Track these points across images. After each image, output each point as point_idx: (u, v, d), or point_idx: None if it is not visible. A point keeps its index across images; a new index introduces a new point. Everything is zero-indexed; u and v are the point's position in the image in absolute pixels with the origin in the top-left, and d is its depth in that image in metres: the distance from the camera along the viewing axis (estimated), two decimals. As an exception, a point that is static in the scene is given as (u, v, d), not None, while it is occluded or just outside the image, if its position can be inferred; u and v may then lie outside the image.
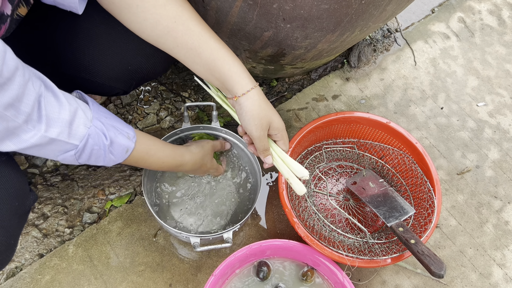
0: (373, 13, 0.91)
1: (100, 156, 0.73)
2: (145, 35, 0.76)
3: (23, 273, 1.03)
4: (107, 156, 0.74)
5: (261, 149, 0.83)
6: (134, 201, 1.14)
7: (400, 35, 1.49)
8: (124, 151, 0.76)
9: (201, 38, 0.75)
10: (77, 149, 0.68)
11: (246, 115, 0.79)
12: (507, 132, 1.35)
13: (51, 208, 1.12)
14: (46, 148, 0.65)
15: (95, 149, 0.71)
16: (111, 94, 0.96)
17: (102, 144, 0.71)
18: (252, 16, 0.89)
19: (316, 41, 0.98)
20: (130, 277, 1.05)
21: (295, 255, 1.01)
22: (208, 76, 0.79)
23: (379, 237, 1.05)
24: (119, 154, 0.76)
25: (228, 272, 0.98)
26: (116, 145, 0.74)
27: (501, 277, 1.14)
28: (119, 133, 0.74)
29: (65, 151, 0.68)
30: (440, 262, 0.85)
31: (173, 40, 0.75)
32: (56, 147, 0.66)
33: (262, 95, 0.80)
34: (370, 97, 1.37)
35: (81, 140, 0.68)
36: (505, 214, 1.23)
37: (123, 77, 0.90)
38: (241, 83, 0.78)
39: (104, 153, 0.72)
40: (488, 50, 1.50)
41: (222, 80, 0.78)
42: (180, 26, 0.74)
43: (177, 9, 0.73)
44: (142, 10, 0.72)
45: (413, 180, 1.10)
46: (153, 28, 0.74)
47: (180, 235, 0.95)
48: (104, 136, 0.71)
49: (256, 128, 0.80)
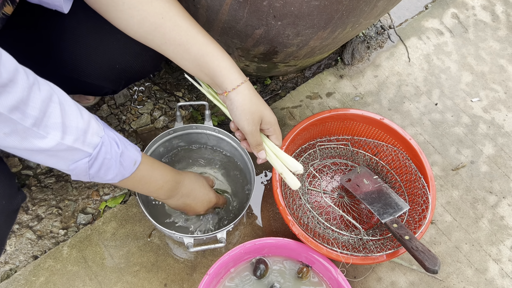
0: (364, 9, 0.91)
1: (110, 167, 0.71)
2: (132, 33, 0.76)
3: (17, 275, 1.02)
4: (117, 168, 0.72)
5: (254, 144, 0.82)
6: (129, 201, 1.14)
7: (394, 31, 1.49)
8: (132, 163, 0.75)
9: (189, 34, 0.74)
10: (90, 156, 0.67)
11: (237, 110, 0.78)
12: (501, 127, 1.35)
13: (45, 210, 1.12)
14: (59, 156, 0.65)
15: (107, 158, 0.69)
16: (100, 93, 0.95)
17: (114, 153, 0.70)
18: (243, 14, 0.89)
19: (308, 38, 0.98)
20: (125, 277, 1.04)
21: (289, 253, 1.01)
22: (197, 72, 0.79)
23: (373, 234, 1.05)
24: (128, 166, 0.74)
25: (223, 271, 0.98)
26: (126, 156, 0.73)
27: (496, 272, 1.14)
28: (128, 144, 0.74)
29: (78, 160, 0.67)
30: (434, 257, 0.85)
31: (161, 36, 0.74)
32: (69, 155, 0.65)
33: (253, 89, 0.79)
34: (364, 94, 1.36)
35: (95, 148, 0.67)
36: (500, 209, 1.23)
37: (111, 76, 0.90)
38: (230, 78, 0.77)
39: (115, 163, 0.71)
40: (482, 45, 1.50)
41: (211, 76, 0.78)
42: (168, 22, 0.73)
43: (164, 5, 0.73)
44: (128, 7, 0.71)
45: (408, 176, 1.10)
46: (140, 25, 0.73)
47: (174, 236, 0.95)
48: (116, 145, 0.71)
49: (248, 123, 0.79)
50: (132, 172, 0.75)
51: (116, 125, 1.25)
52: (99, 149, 0.67)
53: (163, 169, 0.86)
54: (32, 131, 0.58)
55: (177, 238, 0.99)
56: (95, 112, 1.26)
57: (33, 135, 0.59)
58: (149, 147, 1.04)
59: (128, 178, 0.76)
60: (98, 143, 0.67)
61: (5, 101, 0.53)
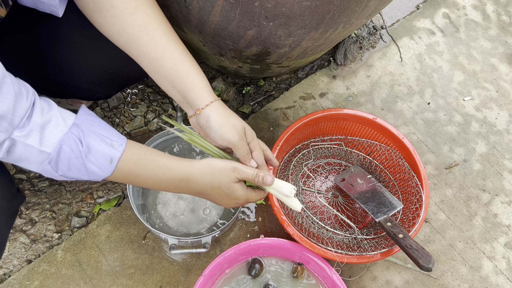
0: (355, 9, 0.91)
1: (80, 166, 0.65)
2: (113, 40, 0.76)
3: (11, 279, 1.02)
4: (88, 167, 0.66)
5: (244, 154, 0.76)
6: (123, 204, 1.13)
7: (386, 32, 1.49)
8: (107, 161, 0.67)
9: (164, 49, 0.74)
10: (49, 158, 0.63)
11: (216, 124, 0.74)
12: (493, 125, 1.36)
13: (39, 213, 1.11)
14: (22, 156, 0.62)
15: (72, 157, 0.64)
16: (94, 98, 0.95)
17: (78, 151, 0.64)
18: (235, 15, 0.89)
19: (300, 38, 0.98)
20: (120, 280, 1.04)
21: (284, 253, 1.01)
22: (169, 89, 0.77)
23: (368, 233, 1.05)
24: (102, 165, 0.67)
25: (218, 273, 0.97)
26: (95, 152, 0.66)
27: (491, 270, 1.15)
28: (100, 140, 0.66)
29: (41, 161, 0.63)
30: (428, 255, 0.85)
31: (137, 48, 0.74)
32: (30, 155, 0.62)
33: (227, 107, 0.77)
34: (357, 94, 1.37)
35: (54, 148, 0.62)
36: (494, 207, 1.23)
37: (105, 81, 0.90)
38: (202, 95, 0.75)
39: (83, 161, 0.65)
40: (473, 44, 1.51)
41: (183, 93, 0.75)
42: (145, 36, 0.73)
43: (144, 18, 0.73)
44: (110, 15, 0.72)
45: (401, 175, 1.11)
46: (119, 35, 0.74)
47: (160, 235, 0.95)
48: (80, 143, 0.64)
49: (233, 134, 0.74)
50: (110, 171, 0.68)
51: (110, 128, 1.25)
52: (59, 148, 0.62)
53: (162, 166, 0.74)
54: None
55: (162, 238, 0.99)
56: (89, 115, 1.25)
57: None
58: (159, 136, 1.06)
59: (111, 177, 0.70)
60: (58, 141, 0.62)
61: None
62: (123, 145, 0.69)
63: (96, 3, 0.71)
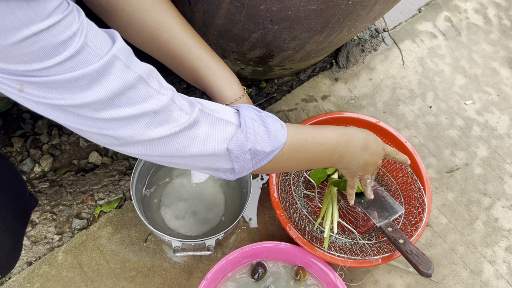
0: (360, 13, 0.91)
1: (264, 134, 0.60)
2: (131, 41, 0.75)
3: (11, 281, 1.01)
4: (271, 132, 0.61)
5: None
6: (124, 206, 1.13)
7: (388, 35, 1.49)
8: (279, 126, 0.63)
9: (183, 46, 0.73)
10: (241, 126, 0.58)
11: None
12: (495, 129, 1.37)
13: (40, 215, 1.10)
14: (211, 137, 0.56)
15: (255, 125, 0.60)
16: None
17: (257, 117, 0.61)
18: (240, 18, 0.89)
19: (304, 42, 0.98)
20: (121, 283, 1.03)
21: (287, 257, 1.01)
22: (195, 84, 0.78)
23: (369, 237, 1.05)
24: (277, 129, 0.62)
25: (220, 276, 0.97)
26: (267, 119, 0.63)
27: (492, 274, 1.15)
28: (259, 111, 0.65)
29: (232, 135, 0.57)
30: (428, 261, 0.85)
31: (157, 47, 0.74)
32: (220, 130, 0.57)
33: None
34: (359, 97, 1.37)
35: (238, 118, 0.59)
36: (495, 211, 1.24)
37: None
38: (221, 95, 0.75)
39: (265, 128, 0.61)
40: (475, 48, 1.51)
41: (205, 90, 0.77)
42: (164, 34, 0.72)
43: (162, 15, 0.72)
44: (127, 14, 0.71)
45: (403, 179, 1.11)
46: (138, 34, 0.73)
47: (163, 238, 0.95)
48: (255, 110, 0.63)
49: None
50: (285, 134, 0.63)
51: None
52: (243, 117, 0.59)
53: (325, 126, 0.72)
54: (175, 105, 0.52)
55: (166, 241, 0.99)
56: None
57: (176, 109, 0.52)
58: None
59: (288, 145, 0.64)
60: (238, 112, 0.60)
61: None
62: None
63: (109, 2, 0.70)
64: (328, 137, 0.70)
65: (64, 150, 1.21)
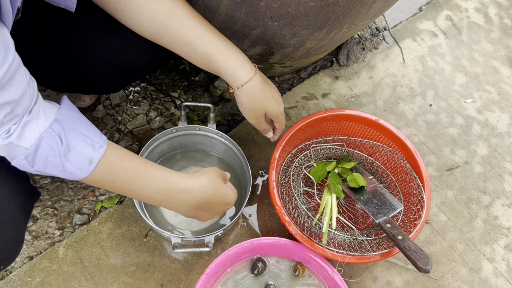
0: (360, 11, 0.91)
1: (57, 165, 0.63)
2: (142, 31, 0.76)
3: (12, 275, 1.02)
4: (65, 166, 0.63)
5: (261, 130, 0.95)
6: (124, 202, 1.14)
7: (389, 33, 1.50)
8: (86, 162, 0.65)
9: (194, 32, 0.76)
10: (27, 153, 0.60)
11: (241, 107, 0.86)
12: (495, 128, 1.37)
13: (41, 210, 1.11)
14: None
15: (50, 155, 0.62)
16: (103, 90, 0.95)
17: (57, 149, 0.62)
18: (240, 14, 0.89)
19: (304, 39, 0.99)
20: (121, 277, 1.04)
21: (286, 253, 1.01)
22: (207, 69, 0.82)
23: (368, 234, 1.05)
24: (80, 165, 0.64)
25: (220, 271, 0.98)
26: (75, 152, 0.64)
27: (491, 272, 1.15)
28: (81, 140, 0.64)
29: (17, 156, 0.61)
30: (426, 257, 0.86)
31: (169, 36, 0.75)
32: (5, 151, 0.60)
33: (258, 84, 0.83)
34: (360, 95, 1.37)
35: (33, 144, 0.60)
36: (494, 209, 1.24)
37: (114, 74, 0.90)
38: (235, 77, 0.80)
39: (61, 161, 0.63)
40: (475, 47, 1.51)
41: (219, 74, 0.81)
42: (175, 21, 0.74)
43: (171, 3, 0.74)
44: (137, 5, 0.72)
45: (403, 176, 1.11)
46: (149, 24, 0.74)
47: (163, 234, 0.95)
48: (60, 141, 0.62)
49: (252, 118, 0.88)
50: (88, 172, 0.66)
51: (112, 125, 1.25)
52: (37, 144, 0.60)
53: (151, 176, 0.72)
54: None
55: (165, 237, 0.99)
56: (91, 113, 1.26)
57: None
58: (149, 145, 1.04)
59: (89, 179, 0.67)
60: (38, 137, 0.60)
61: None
62: (104, 146, 0.67)
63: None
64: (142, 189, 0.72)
65: (65, 146, 1.21)
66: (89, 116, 1.25)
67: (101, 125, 1.25)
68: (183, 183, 0.75)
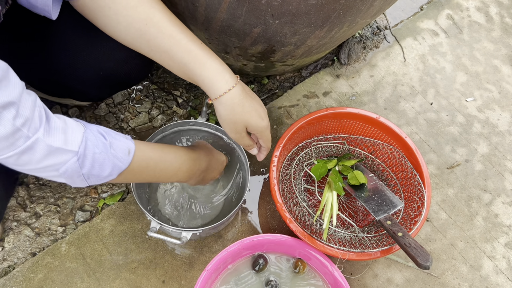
0: (361, 9, 0.92)
1: (103, 161, 0.66)
2: (121, 39, 0.75)
3: (15, 271, 1.03)
4: (111, 160, 0.67)
5: (243, 146, 0.90)
6: (127, 199, 1.14)
7: (390, 32, 1.50)
8: (126, 152, 0.69)
9: (171, 41, 0.73)
10: (78, 154, 0.62)
11: (220, 119, 0.81)
12: (495, 126, 1.37)
13: (44, 207, 1.12)
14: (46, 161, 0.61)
15: (96, 152, 0.65)
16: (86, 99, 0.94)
17: (102, 145, 0.65)
18: (241, 13, 0.90)
19: (305, 37, 0.99)
20: (123, 274, 1.05)
21: (287, 249, 1.02)
22: (187, 79, 0.79)
23: (369, 231, 1.06)
24: (122, 156, 0.69)
25: (221, 267, 0.98)
26: (117, 145, 0.68)
27: (491, 269, 1.15)
28: (116, 134, 0.69)
29: (66, 162, 0.62)
30: (426, 254, 0.86)
31: (146, 43, 0.74)
32: (55, 158, 0.61)
33: (238, 96, 0.77)
34: (361, 94, 1.38)
35: (79, 145, 0.62)
36: (495, 207, 1.24)
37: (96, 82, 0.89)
38: (213, 87, 0.76)
39: (107, 156, 0.66)
40: (476, 46, 1.52)
41: (197, 84, 0.78)
42: (152, 29, 0.72)
43: (149, 10, 0.72)
44: (114, 12, 0.71)
45: (403, 174, 1.11)
46: (126, 32, 0.73)
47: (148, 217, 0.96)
48: (102, 137, 0.66)
49: (231, 132, 0.82)
50: (128, 162, 0.70)
51: (114, 123, 1.26)
52: (84, 144, 0.63)
53: (175, 150, 0.82)
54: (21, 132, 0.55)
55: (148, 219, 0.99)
56: (93, 111, 1.26)
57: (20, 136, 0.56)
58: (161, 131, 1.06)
59: (128, 169, 0.71)
60: (82, 139, 0.63)
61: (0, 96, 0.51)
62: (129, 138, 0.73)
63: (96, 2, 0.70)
64: (171, 164, 0.81)
65: (68, 144, 1.22)
66: (92, 114, 1.26)
67: (104, 123, 1.26)
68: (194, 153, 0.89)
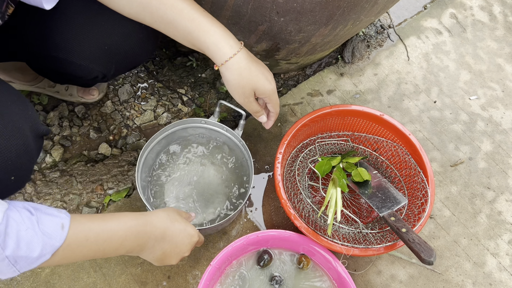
0: (365, 6, 0.93)
1: (32, 238, 0.58)
2: (125, 12, 0.76)
3: (23, 266, 1.04)
4: (40, 238, 0.58)
5: (251, 112, 0.88)
6: (133, 195, 1.15)
7: (393, 31, 1.51)
8: (59, 227, 0.61)
9: (173, 11, 0.74)
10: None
11: (227, 85, 0.80)
12: (499, 124, 1.38)
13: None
14: None
15: (21, 230, 0.57)
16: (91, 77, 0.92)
17: (28, 221, 0.58)
18: (247, 10, 0.91)
19: (310, 34, 1.00)
20: (129, 269, 1.06)
21: (291, 245, 1.03)
22: (192, 47, 0.79)
23: (373, 227, 1.06)
24: (54, 233, 0.60)
25: (226, 262, 0.99)
26: (46, 220, 0.60)
27: (494, 266, 1.16)
28: (46, 209, 0.62)
29: None
30: (430, 249, 0.87)
31: (150, 15, 0.75)
32: None
33: (244, 60, 0.78)
34: (364, 92, 1.39)
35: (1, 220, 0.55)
36: (498, 205, 1.25)
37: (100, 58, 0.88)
38: (218, 53, 0.76)
39: (35, 232, 0.58)
40: (480, 45, 1.52)
41: (203, 51, 0.78)
42: (153, 1, 0.73)
43: None
44: None
45: (407, 171, 1.12)
46: (130, 5, 0.74)
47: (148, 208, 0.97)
48: (29, 212, 0.59)
49: (239, 96, 0.81)
50: (63, 238, 0.61)
51: (120, 121, 1.27)
52: (6, 222, 0.56)
53: (118, 217, 0.71)
54: None
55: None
56: (99, 109, 1.28)
57: None
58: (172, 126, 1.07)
59: (64, 246, 0.62)
60: (2, 216, 0.56)
61: None
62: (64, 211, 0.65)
63: None
64: (115, 232, 0.69)
65: (74, 141, 1.24)
66: (98, 112, 1.27)
67: (109, 121, 1.27)
68: (143, 217, 0.75)
